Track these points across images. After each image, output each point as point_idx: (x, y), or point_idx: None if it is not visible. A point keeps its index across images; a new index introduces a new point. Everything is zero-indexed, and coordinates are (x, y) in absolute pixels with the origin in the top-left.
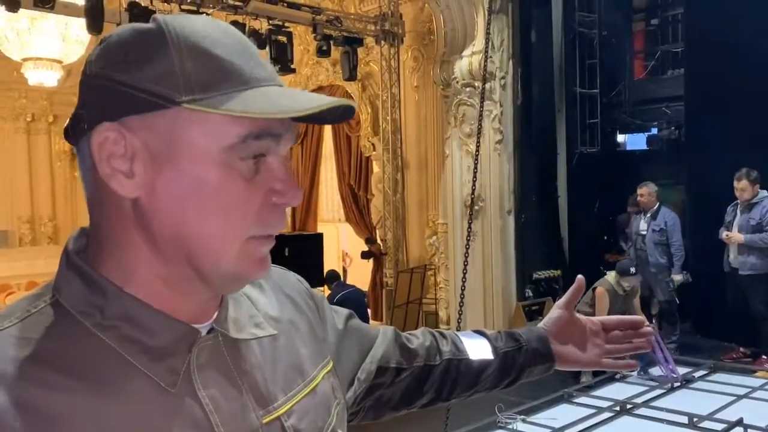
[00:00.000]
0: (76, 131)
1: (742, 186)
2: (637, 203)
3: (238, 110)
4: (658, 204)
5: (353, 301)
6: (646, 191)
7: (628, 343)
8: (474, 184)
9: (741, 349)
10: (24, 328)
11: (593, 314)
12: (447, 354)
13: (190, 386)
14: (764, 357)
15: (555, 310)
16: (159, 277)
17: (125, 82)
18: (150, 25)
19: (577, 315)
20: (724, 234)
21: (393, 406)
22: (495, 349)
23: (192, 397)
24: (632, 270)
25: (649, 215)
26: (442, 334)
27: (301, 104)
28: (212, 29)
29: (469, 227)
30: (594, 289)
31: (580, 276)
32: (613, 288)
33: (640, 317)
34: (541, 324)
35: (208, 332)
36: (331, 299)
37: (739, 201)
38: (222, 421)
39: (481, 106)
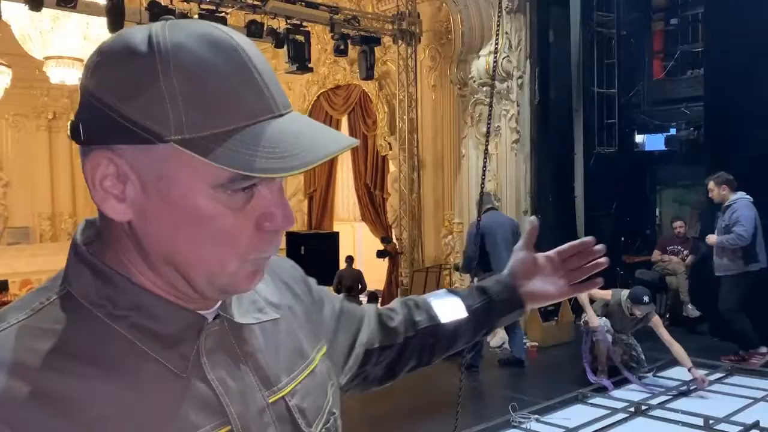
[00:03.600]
0: (75, 137)
1: (709, 187)
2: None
3: (223, 163)
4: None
5: None
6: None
7: (586, 264)
8: (483, 182)
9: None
10: (38, 320)
11: (606, 315)
12: (422, 323)
13: (200, 370)
14: (742, 353)
15: (517, 253)
16: (157, 282)
17: (117, 111)
18: (143, 47)
19: (536, 254)
20: (706, 238)
21: (378, 381)
22: (467, 307)
23: (202, 380)
24: (645, 299)
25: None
26: (416, 303)
27: (299, 158)
28: (209, 51)
29: (478, 224)
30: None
31: (533, 217)
32: (620, 306)
33: (589, 238)
34: (506, 270)
35: (214, 318)
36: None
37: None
38: (232, 402)
39: (490, 106)
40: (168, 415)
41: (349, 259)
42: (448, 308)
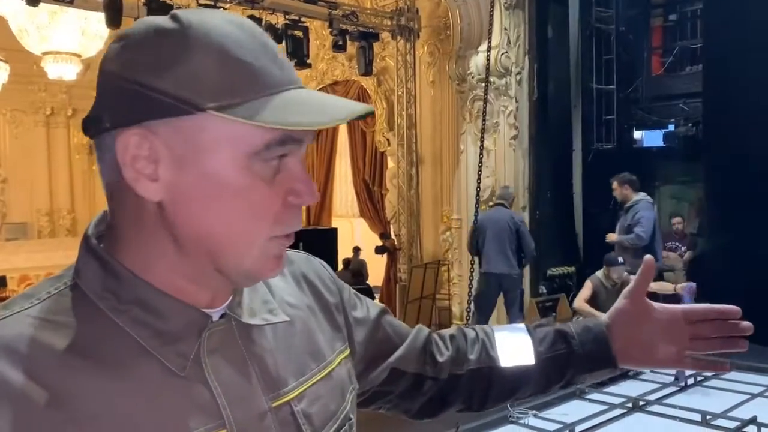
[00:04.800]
0: (97, 128)
1: (613, 187)
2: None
3: (266, 121)
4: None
5: None
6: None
7: (718, 338)
8: (479, 179)
9: None
10: (43, 309)
11: (596, 308)
12: (473, 363)
13: (199, 370)
14: None
15: (621, 300)
16: (178, 271)
17: (149, 86)
18: (171, 24)
19: (654, 304)
20: (607, 236)
21: (412, 414)
22: (537, 353)
23: (201, 381)
24: (620, 260)
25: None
26: (477, 336)
27: (329, 115)
28: (235, 28)
29: (475, 221)
30: None
31: (648, 256)
32: (601, 282)
33: (735, 307)
34: (606, 315)
35: (221, 317)
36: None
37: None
38: (229, 404)
39: (485, 102)
40: (162, 415)
41: (356, 250)
42: (514, 348)
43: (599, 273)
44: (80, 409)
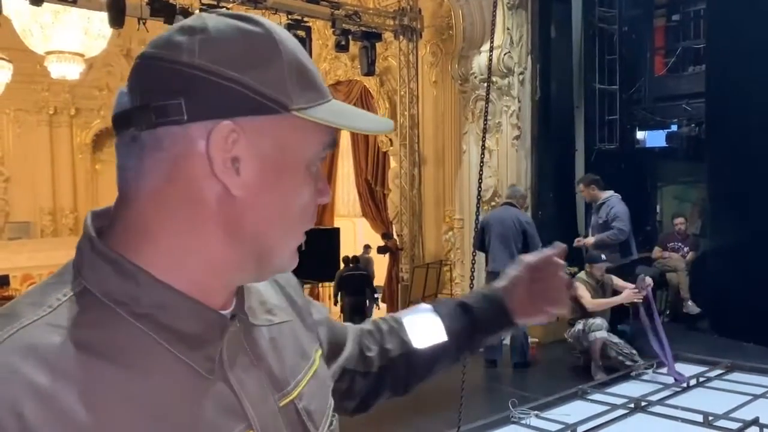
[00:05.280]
0: (162, 119)
1: (579, 189)
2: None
3: (346, 126)
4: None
5: None
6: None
7: (552, 279)
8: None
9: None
10: (58, 317)
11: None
12: (393, 352)
13: (222, 372)
14: None
15: (513, 270)
16: (212, 267)
17: (242, 82)
18: (253, 26)
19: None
20: (575, 241)
21: (350, 411)
22: (448, 328)
23: (225, 383)
24: (602, 257)
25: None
26: (391, 327)
27: (374, 123)
28: (296, 40)
29: (477, 220)
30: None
31: (559, 243)
32: (586, 281)
33: (551, 250)
34: (500, 281)
35: (231, 318)
36: None
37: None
38: (252, 405)
39: (487, 102)
40: (198, 418)
41: (366, 248)
42: (425, 330)
43: (581, 274)
44: (114, 416)
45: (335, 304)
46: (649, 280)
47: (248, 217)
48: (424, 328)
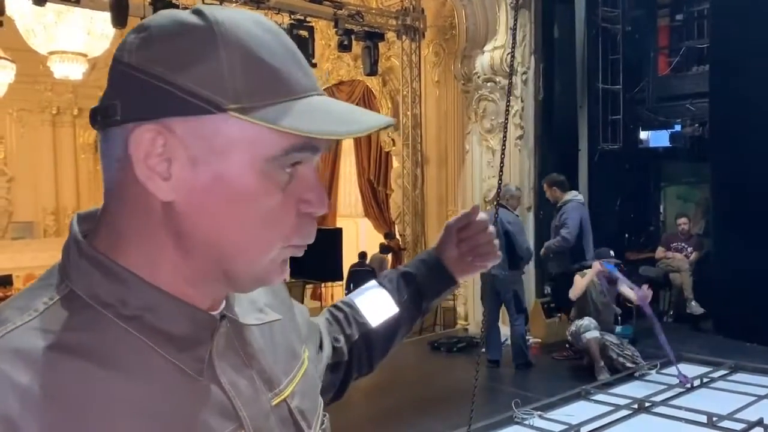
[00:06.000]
0: (105, 120)
1: (544, 188)
2: None
3: (289, 128)
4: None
5: None
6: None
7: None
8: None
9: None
10: (44, 321)
11: (584, 308)
12: (354, 335)
13: (213, 373)
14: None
15: (443, 231)
16: (180, 274)
17: (170, 81)
18: (197, 20)
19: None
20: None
21: (329, 401)
22: (397, 301)
23: (216, 384)
24: (611, 253)
25: None
26: (346, 315)
27: (350, 125)
28: (262, 30)
29: (496, 220)
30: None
31: (476, 204)
32: (591, 279)
33: (466, 211)
34: (434, 246)
35: (220, 319)
36: None
37: None
38: (243, 405)
39: (508, 100)
40: (188, 420)
41: (383, 248)
42: (377, 307)
43: (589, 270)
44: (101, 419)
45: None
46: (648, 292)
47: (192, 224)
48: (376, 305)
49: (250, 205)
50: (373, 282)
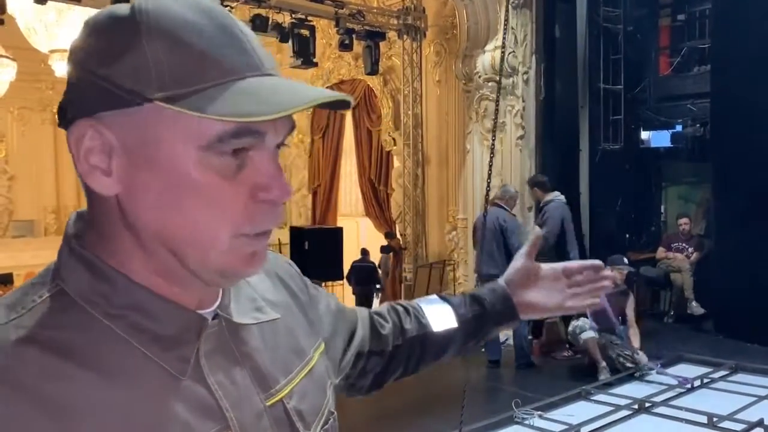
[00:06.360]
0: (62, 120)
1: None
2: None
3: (212, 113)
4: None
5: None
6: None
7: (589, 284)
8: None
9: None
10: (32, 319)
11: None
12: (411, 332)
13: (199, 373)
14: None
15: (517, 260)
16: (150, 269)
17: (101, 75)
18: (125, 11)
19: (539, 264)
20: None
21: (365, 390)
22: (459, 317)
23: (201, 384)
24: (625, 260)
25: None
26: (406, 309)
27: (278, 104)
28: (191, 13)
29: (484, 219)
30: None
31: (537, 228)
32: None
33: (598, 261)
34: (504, 276)
35: (213, 318)
36: None
37: None
38: (231, 406)
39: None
40: (168, 420)
41: (385, 248)
42: (439, 316)
43: None
44: (85, 420)
45: (354, 293)
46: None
47: (138, 215)
48: (438, 314)
49: (191, 195)
50: (435, 296)
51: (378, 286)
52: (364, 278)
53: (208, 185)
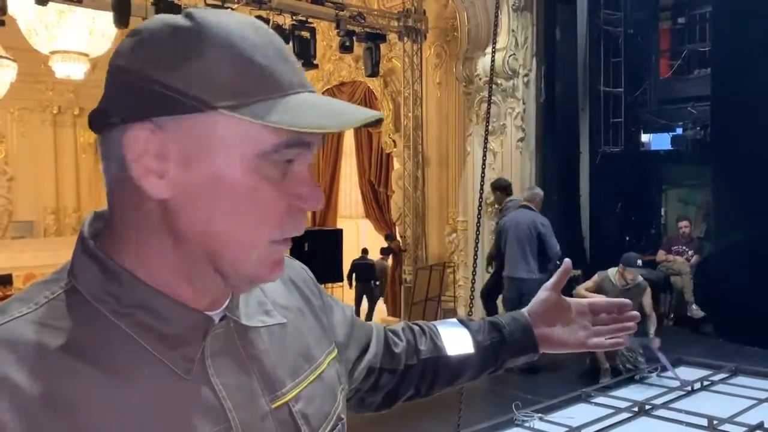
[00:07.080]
0: (104, 123)
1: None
2: None
3: (277, 122)
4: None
5: None
6: None
7: (614, 323)
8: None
9: None
10: (43, 314)
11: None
12: (425, 353)
13: (204, 373)
14: None
15: (543, 292)
16: (176, 272)
17: (161, 82)
18: (186, 22)
19: (564, 297)
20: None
21: (374, 407)
22: (476, 343)
23: (206, 384)
24: (639, 262)
25: None
26: (422, 329)
27: (339, 119)
28: (249, 30)
29: (479, 223)
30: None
31: (567, 259)
32: (610, 279)
33: (626, 300)
34: (527, 307)
35: (221, 319)
36: None
37: None
38: (235, 407)
39: (489, 104)
40: (170, 419)
41: (385, 250)
42: (456, 340)
43: (611, 270)
44: (88, 416)
45: (350, 287)
46: (657, 342)
47: (186, 219)
48: (455, 339)
49: (242, 201)
50: (455, 319)
51: (377, 282)
52: (365, 275)
53: (258, 191)
